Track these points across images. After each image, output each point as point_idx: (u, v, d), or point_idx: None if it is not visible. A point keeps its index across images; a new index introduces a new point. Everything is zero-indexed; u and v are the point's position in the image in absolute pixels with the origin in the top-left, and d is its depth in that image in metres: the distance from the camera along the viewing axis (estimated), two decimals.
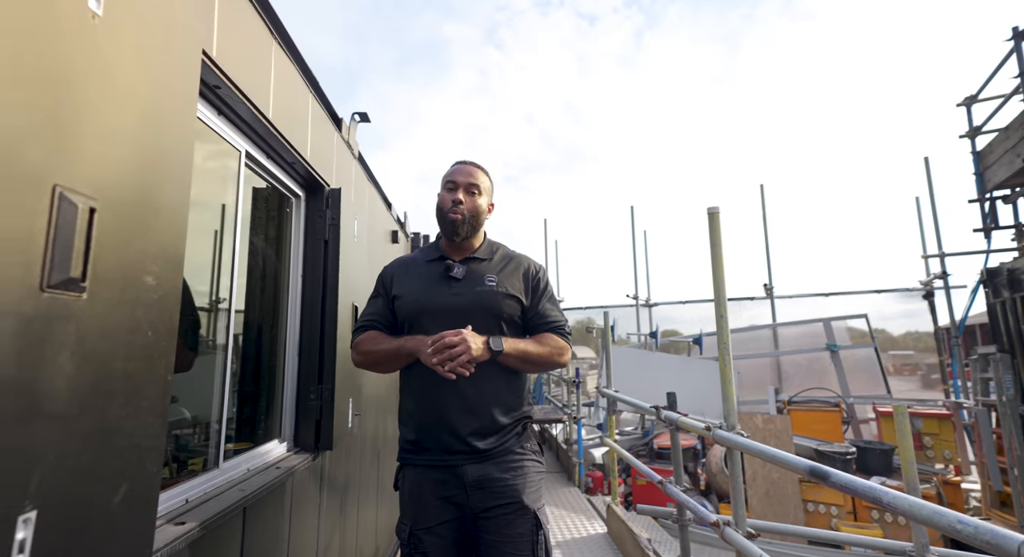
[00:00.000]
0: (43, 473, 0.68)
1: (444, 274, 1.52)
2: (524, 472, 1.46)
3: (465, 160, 1.64)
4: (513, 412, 1.49)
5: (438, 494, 1.41)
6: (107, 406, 0.80)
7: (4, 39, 0.62)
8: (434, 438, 1.43)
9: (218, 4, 1.28)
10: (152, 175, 0.91)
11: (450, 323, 1.40)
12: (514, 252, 1.68)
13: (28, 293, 0.65)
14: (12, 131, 0.63)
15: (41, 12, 0.68)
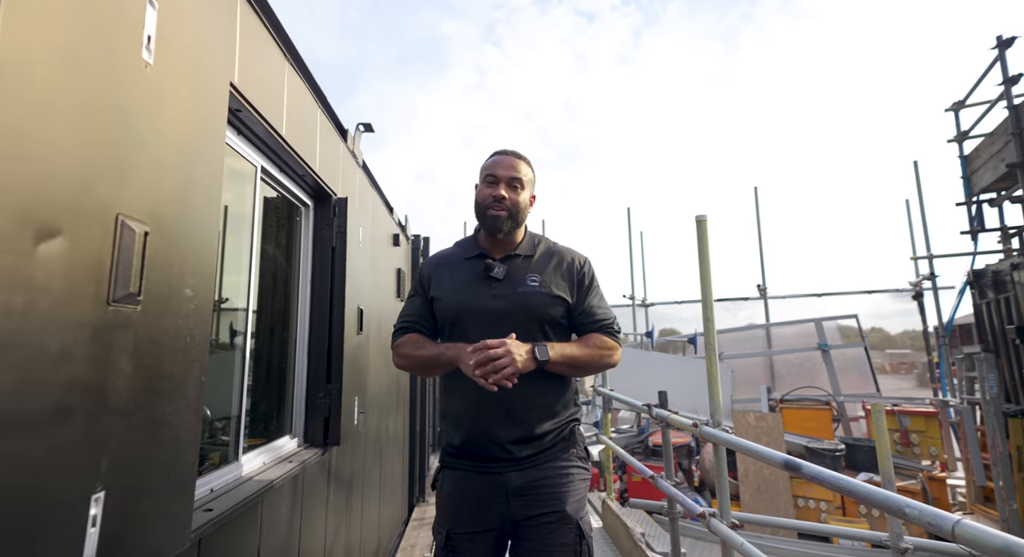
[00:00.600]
0: (109, 460, 0.79)
1: (484, 274, 1.43)
2: (569, 480, 1.39)
3: (506, 150, 1.51)
4: (558, 418, 1.42)
5: (478, 500, 1.36)
6: (156, 403, 0.92)
7: (78, 90, 0.74)
8: (476, 445, 1.37)
9: (240, 35, 1.39)
10: (189, 199, 1.03)
11: (491, 327, 1.34)
12: (557, 245, 1.58)
13: (98, 307, 0.77)
14: (86, 169, 0.75)
15: (105, 64, 0.80)
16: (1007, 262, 4.72)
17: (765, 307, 8.01)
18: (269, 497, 1.58)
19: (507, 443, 1.36)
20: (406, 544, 3.92)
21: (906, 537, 2.38)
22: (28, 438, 0.65)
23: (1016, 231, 5.24)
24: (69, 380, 0.71)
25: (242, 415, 1.61)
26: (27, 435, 0.65)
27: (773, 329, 7.29)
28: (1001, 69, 4.91)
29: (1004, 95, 4.83)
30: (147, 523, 0.89)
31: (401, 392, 4.25)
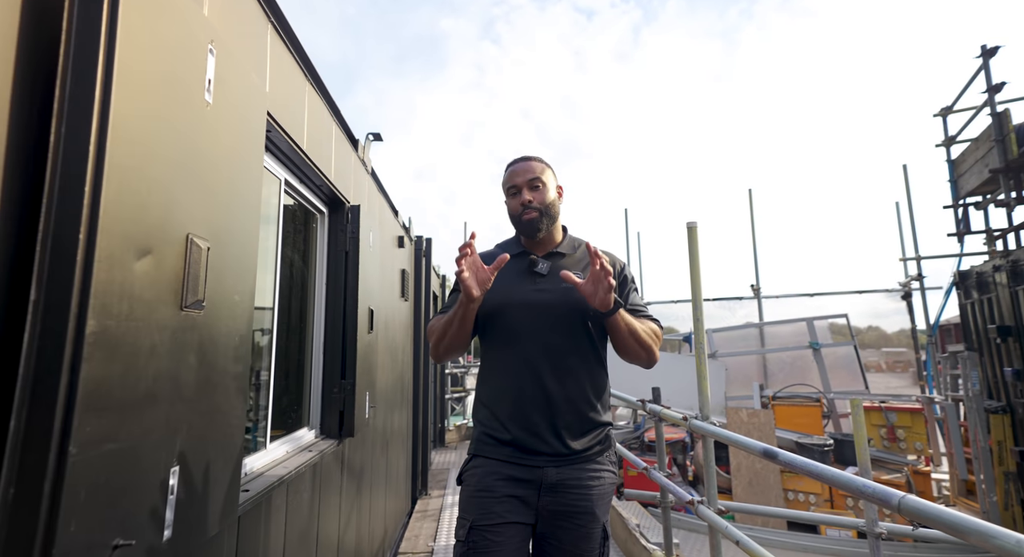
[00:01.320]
0: (182, 439, 0.95)
1: (528, 270, 1.46)
2: (601, 483, 1.40)
3: (516, 158, 1.56)
4: (598, 417, 1.43)
5: (510, 492, 1.34)
6: (214, 393, 1.07)
7: (163, 132, 0.89)
8: (517, 435, 1.36)
9: (270, 65, 1.54)
10: (235, 217, 1.18)
11: (534, 319, 1.37)
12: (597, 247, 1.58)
13: (175, 312, 0.92)
14: (167, 198, 0.90)
15: (181, 109, 0.95)
16: (990, 264, 4.88)
17: (759, 306, 8.19)
18: (293, 482, 1.73)
19: (549, 437, 1.35)
20: (410, 534, 4.08)
21: (880, 523, 2.55)
22: (130, 417, 0.80)
23: (1000, 233, 5.41)
24: (156, 372, 0.86)
25: (269, 407, 1.76)
26: (129, 414, 0.80)
27: (766, 328, 7.46)
28: (985, 77, 5.07)
29: (988, 102, 5.00)
30: (207, 495, 1.04)
31: (405, 390, 4.40)
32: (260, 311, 2.05)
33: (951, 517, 1.11)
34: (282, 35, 1.66)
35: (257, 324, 2.01)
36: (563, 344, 1.39)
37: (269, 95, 1.49)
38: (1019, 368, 4.36)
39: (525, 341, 1.39)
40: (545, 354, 1.38)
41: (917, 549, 4.46)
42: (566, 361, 1.38)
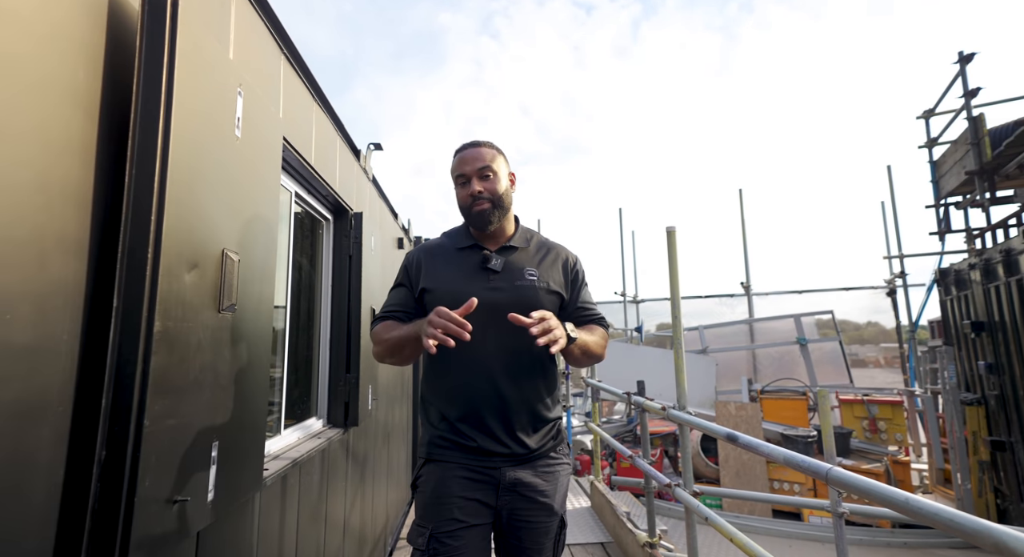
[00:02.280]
0: (221, 420, 1.14)
1: (481, 265, 1.41)
2: (556, 477, 1.42)
3: (465, 144, 1.49)
4: (550, 413, 1.44)
5: (467, 495, 1.33)
6: (243, 382, 1.26)
7: (206, 167, 1.08)
8: (470, 437, 1.35)
9: (283, 93, 1.73)
10: (258, 231, 1.37)
11: (488, 318, 1.31)
12: (549, 240, 1.57)
13: (213, 314, 1.11)
14: (209, 220, 1.09)
15: (219, 145, 1.14)
16: (966, 262, 5.08)
17: (749, 303, 8.40)
18: (305, 465, 1.93)
19: (503, 436, 1.34)
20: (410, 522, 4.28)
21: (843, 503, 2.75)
22: (184, 399, 0.99)
23: (979, 232, 5.60)
24: (201, 364, 1.06)
25: (283, 397, 1.96)
26: (183, 397, 0.99)
27: (755, 324, 7.67)
28: (962, 83, 5.26)
29: (964, 107, 5.18)
30: (240, 469, 1.24)
31: (405, 385, 4.60)
32: (274, 310, 2.24)
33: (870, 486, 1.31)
34: (293, 64, 1.85)
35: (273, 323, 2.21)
36: (517, 344, 1.34)
37: (283, 120, 1.67)
38: (991, 362, 4.57)
39: (478, 342, 1.30)
40: (498, 354, 1.35)
41: (895, 534, 4.68)
42: (519, 361, 1.36)
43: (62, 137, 0.80)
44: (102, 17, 0.89)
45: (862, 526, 4.84)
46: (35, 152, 0.74)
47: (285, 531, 1.72)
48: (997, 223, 5.28)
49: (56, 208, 0.78)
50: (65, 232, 0.80)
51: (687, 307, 10.25)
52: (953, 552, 4.42)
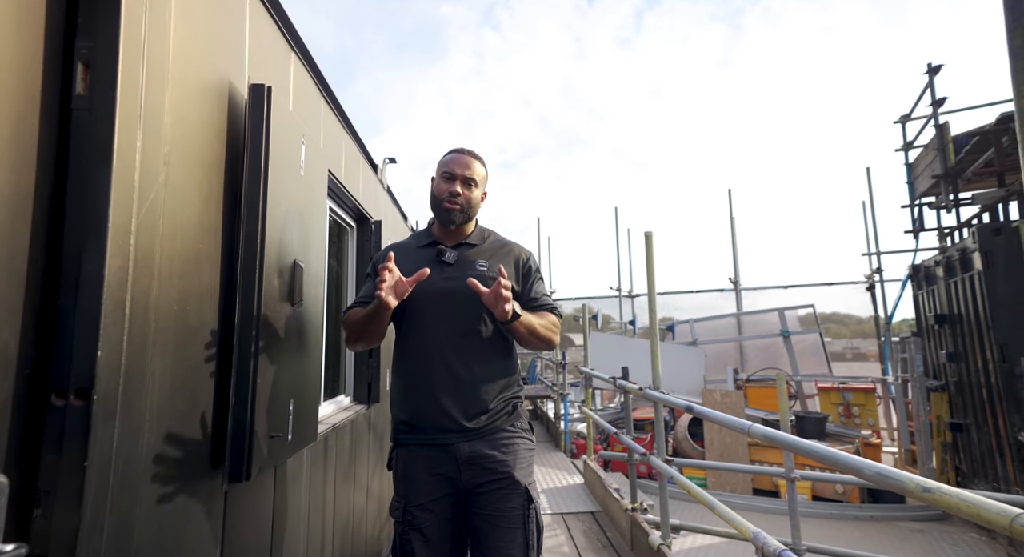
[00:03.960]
0: (294, 385, 1.56)
1: (436, 259, 1.54)
2: (515, 449, 1.48)
3: (462, 149, 1.61)
4: (504, 392, 1.52)
5: (431, 471, 1.44)
6: (306, 359, 1.69)
7: (290, 202, 1.49)
8: (427, 418, 1.46)
9: (324, 132, 2.14)
10: (312, 244, 1.79)
11: (442, 307, 1.46)
12: (504, 239, 1.68)
13: (289, 308, 1.53)
14: (287, 240, 1.51)
15: (290, 182, 1.55)
16: (933, 259, 5.48)
17: (737, 297, 8.82)
18: (339, 431, 2.35)
19: (457, 414, 1.44)
20: None
21: (795, 470, 3.18)
22: (276, 368, 1.42)
23: (949, 231, 5.99)
24: (284, 344, 1.48)
25: (321, 375, 2.38)
26: (276, 367, 1.42)
27: (742, 318, 8.09)
28: (930, 92, 5.63)
29: (932, 115, 5.55)
30: (305, 422, 1.66)
31: None
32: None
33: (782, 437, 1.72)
34: (331, 105, 2.26)
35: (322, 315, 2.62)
36: (469, 329, 1.48)
37: (324, 152, 2.09)
38: (952, 351, 4.97)
39: (433, 328, 1.48)
40: (452, 340, 1.48)
41: (862, 509, 5.11)
42: (472, 345, 1.48)
43: (209, 191, 1.21)
44: (224, 103, 1.30)
45: (833, 502, 5.27)
46: (197, 202, 1.16)
47: (327, 482, 2.15)
48: (964, 222, 5.67)
49: (205, 238, 1.20)
50: (211, 253, 1.22)
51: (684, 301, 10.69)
52: (915, 524, 4.85)
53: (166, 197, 1.03)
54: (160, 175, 1.02)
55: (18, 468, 0.78)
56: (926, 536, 4.50)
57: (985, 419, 4.38)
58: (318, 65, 2.05)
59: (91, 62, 0.90)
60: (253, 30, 1.46)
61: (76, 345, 0.84)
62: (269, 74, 1.56)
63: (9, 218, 0.78)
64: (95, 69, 0.90)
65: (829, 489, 5.34)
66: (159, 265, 1.01)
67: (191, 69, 1.14)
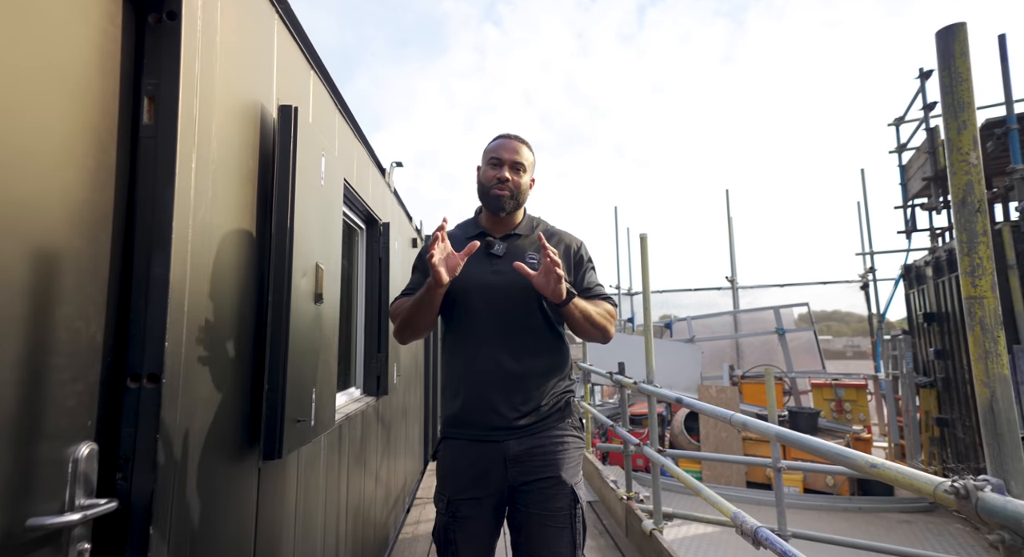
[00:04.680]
0: (316, 376, 1.73)
1: (485, 251, 1.49)
2: (564, 448, 1.45)
3: (509, 134, 1.56)
4: (556, 387, 1.48)
5: (477, 467, 1.42)
6: (326, 352, 1.85)
7: (308, 209, 1.65)
8: (476, 414, 1.43)
9: (339, 141, 2.30)
10: (331, 247, 1.94)
11: (492, 301, 1.42)
12: (555, 228, 1.63)
13: (312, 305, 1.70)
14: (310, 244, 1.66)
15: (311, 191, 1.71)
16: (923, 259, 5.63)
17: (734, 296, 8.97)
18: (352, 420, 2.52)
19: (507, 411, 1.41)
20: (424, 486, 4.91)
21: (782, 460, 3.34)
22: (301, 359, 1.58)
23: (940, 232, 6.14)
24: (309, 336, 1.64)
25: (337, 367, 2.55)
26: (301, 358, 1.58)
27: (739, 315, 8.24)
28: (922, 97, 5.77)
29: (924, 119, 5.69)
30: (324, 410, 1.83)
31: (418, 368, 5.19)
32: None
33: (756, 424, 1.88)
34: (344, 114, 2.41)
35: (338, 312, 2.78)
36: (519, 324, 1.46)
37: (340, 161, 2.24)
38: (939, 348, 5.13)
39: (483, 323, 1.45)
40: (502, 334, 1.45)
41: (851, 501, 5.27)
42: (523, 340, 1.45)
43: (245, 202, 1.37)
44: (257, 123, 1.46)
45: (824, 494, 5.44)
46: (235, 213, 1.32)
47: (341, 467, 2.31)
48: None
49: (242, 244, 1.36)
50: (247, 257, 1.38)
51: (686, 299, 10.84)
52: (902, 515, 5.02)
53: (214, 210, 1.19)
54: (209, 191, 1.18)
55: (103, 438, 0.94)
56: (912, 526, 4.66)
57: (969, 414, 4.53)
58: (332, 78, 2.20)
59: (155, 96, 1.06)
60: (280, 54, 1.62)
61: (148, 337, 1.00)
62: (293, 92, 1.72)
63: (95, 231, 0.94)
64: (159, 102, 1.06)
65: (820, 482, 5.51)
66: (209, 269, 1.17)
67: (232, 96, 1.30)
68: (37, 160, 0.81)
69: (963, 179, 1.04)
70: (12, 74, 0.77)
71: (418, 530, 3.78)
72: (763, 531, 1.73)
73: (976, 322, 1.01)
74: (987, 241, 1.02)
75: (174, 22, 1.07)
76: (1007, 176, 3.92)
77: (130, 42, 1.05)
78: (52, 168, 0.84)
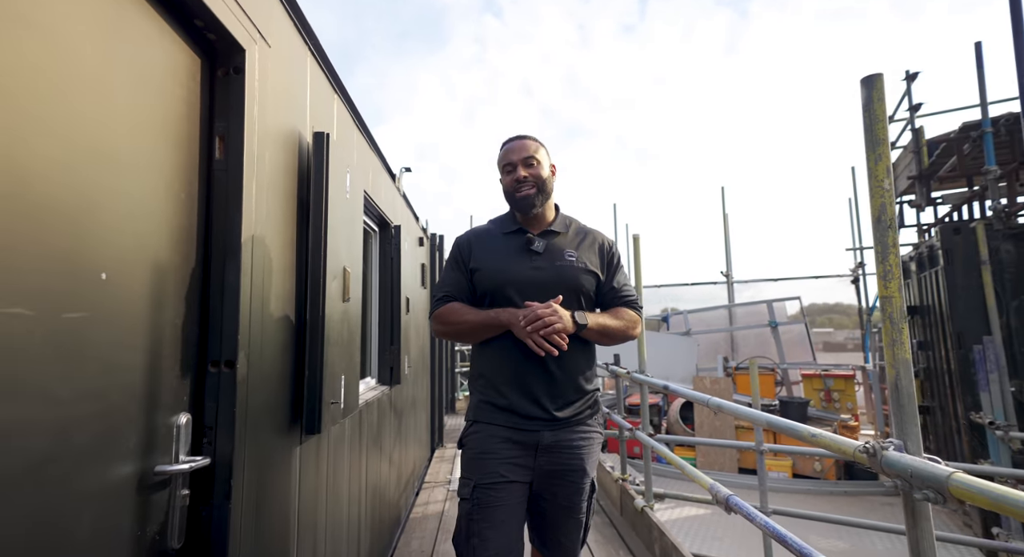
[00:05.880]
0: (344, 364, 1.98)
1: (525, 247, 1.53)
2: (591, 443, 1.52)
3: (512, 136, 1.62)
4: (589, 384, 1.54)
5: (509, 454, 1.45)
6: (352, 344, 2.10)
7: (338, 218, 1.89)
8: (515, 404, 1.47)
9: (358, 155, 2.54)
10: (355, 251, 2.20)
11: (532, 297, 1.44)
12: (586, 226, 1.69)
13: (341, 303, 1.95)
14: (339, 251, 1.91)
15: (340, 201, 1.95)
16: (907, 254, 5.86)
17: (729, 290, 9.22)
18: (370, 406, 2.78)
19: (548, 405, 1.46)
20: (432, 471, 5.19)
21: (765, 444, 3.60)
22: (333, 350, 1.83)
23: (927, 228, 6.36)
24: (339, 330, 1.89)
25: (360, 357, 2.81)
26: (333, 349, 1.83)
27: (734, 309, 8.49)
28: (908, 98, 5.97)
29: (909, 119, 5.90)
30: (351, 395, 2.09)
31: (425, 360, 5.46)
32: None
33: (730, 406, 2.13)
34: (361, 130, 2.66)
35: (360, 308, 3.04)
36: None
37: (360, 173, 2.49)
38: (922, 340, 5.37)
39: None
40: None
41: (837, 485, 5.54)
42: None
43: (287, 217, 1.62)
44: (295, 148, 1.71)
45: (811, 479, 5.71)
46: (280, 226, 1.57)
47: (362, 448, 2.58)
48: (939, 220, 6.03)
49: (286, 253, 1.61)
50: (290, 264, 1.63)
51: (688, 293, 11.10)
52: (884, 498, 5.28)
53: (266, 225, 1.44)
54: (263, 210, 1.43)
55: (194, 410, 1.20)
56: (892, 508, 4.93)
57: (947, 402, 4.78)
58: (351, 96, 2.44)
59: (225, 136, 1.31)
60: (312, 86, 1.86)
61: (224, 331, 1.25)
62: (321, 116, 1.97)
63: (185, 248, 1.19)
64: (228, 141, 1.31)
65: (809, 468, 5.77)
66: (263, 275, 1.42)
67: (278, 127, 1.54)
68: (149, 196, 1.06)
69: (878, 201, 1.28)
70: (133, 131, 1.01)
71: (427, 510, 4.06)
72: (734, 498, 1.99)
73: (887, 317, 1.26)
74: (896, 251, 1.26)
75: (239, 75, 1.32)
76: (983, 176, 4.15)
77: (205, 92, 1.29)
78: (157, 201, 1.09)
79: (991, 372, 3.83)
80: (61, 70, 0.82)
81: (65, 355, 0.81)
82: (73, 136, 0.85)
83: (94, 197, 0.89)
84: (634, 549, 3.16)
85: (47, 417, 0.78)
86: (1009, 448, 3.56)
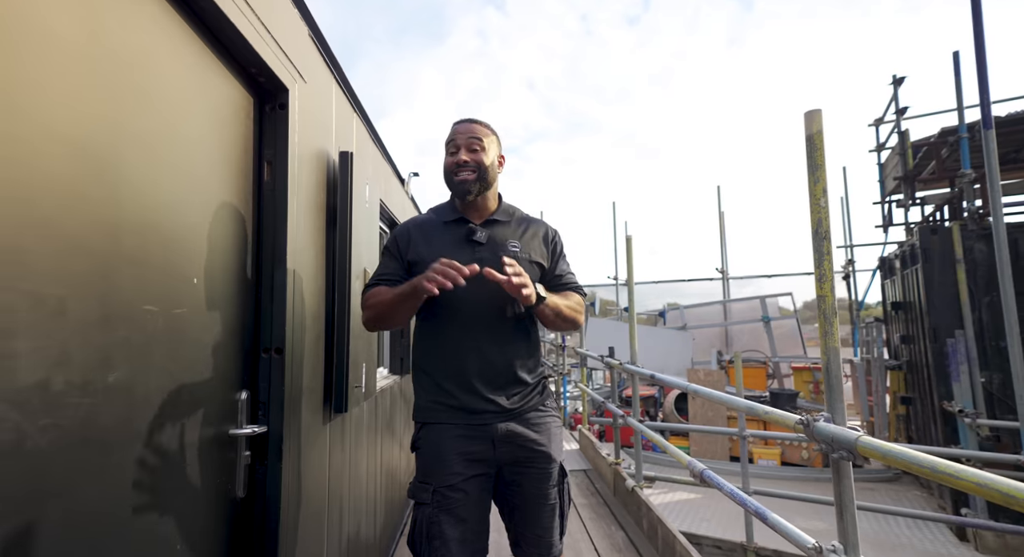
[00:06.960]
0: (364, 354, 2.25)
1: (466, 238, 1.50)
2: (548, 427, 1.50)
3: (462, 119, 1.58)
4: (533, 372, 1.53)
5: (465, 450, 1.42)
6: (371, 337, 2.37)
7: (361, 227, 2.16)
8: (461, 399, 1.45)
9: (375, 166, 2.81)
10: (373, 253, 2.46)
11: (474, 289, 1.38)
12: (530, 216, 1.66)
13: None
14: (362, 252, 2.18)
15: (362, 212, 2.22)
16: (893, 253, 6.11)
17: (725, 286, 9.47)
18: (383, 393, 3.05)
19: (493, 396, 1.44)
20: None
21: (747, 430, 3.87)
22: (356, 340, 2.10)
23: (915, 226, 6.59)
24: (358, 324, 2.16)
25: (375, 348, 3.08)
26: (356, 339, 2.10)
27: (729, 305, 8.75)
28: (894, 102, 6.19)
29: (896, 122, 6.13)
30: (370, 380, 2.36)
31: None
32: None
33: (706, 391, 2.39)
34: (375, 141, 2.92)
35: None
36: (502, 311, 1.48)
37: (375, 182, 2.75)
38: (904, 334, 5.62)
39: (465, 311, 1.45)
40: (484, 323, 1.47)
41: (823, 472, 5.81)
42: (504, 328, 1.48)
43: (318, 226, 1.89)
44: (324, 166, 1.97)
45: (799, 466, 5.98)
46: (313, 235, 1.83)
47: (378, 431, 2.86)
48: (925, 219, 6.27)
49: (317, 257, 1.87)
50: (320, 266, 1.90)
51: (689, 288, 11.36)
52: (868, 484, 5.56)
53: (303, 234, 1.71)
54: (301, 221, 1.69)
55: (249, 389, 1.47)
56: (874, 493, 5.20)
57: (926, 392, 5.04)
58: (366, 111, 2.70)
59: (272, 161, 1.57)
60: (337, 110, 2.12)
61: (274, 323, 1.52)
62: (344, 135, 2.23)
63: (242, 255, 1.46)
64: (274, 165, 1.57)
65: (796, 456, 6.05)
66: (302, 276, 1.69)
67: (312, 150, 1.81)
68: (221, 215, 1.33)
69: (816, 216, 1.54)
70: (211, 161, 1.28)
71: None
72: (707, 472, 2.25)
73: (821, 312, 1.52)
74: (830, 258, 1.52)
75: (284, 110, 1.58)
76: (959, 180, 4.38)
77: (256, 125, 1.56)
78: (227, 219, 1.36)
79: (961, 364, 4.09)
80: (170, 116, 1.09)
81: (175, 341, 1.08)
82: (176, 171, 1.11)
83: (191, 219, 1.16)
84: (625, 525, 3.43)
85: (168, 385, 1.05)
86: (977, 434, 3.81)
